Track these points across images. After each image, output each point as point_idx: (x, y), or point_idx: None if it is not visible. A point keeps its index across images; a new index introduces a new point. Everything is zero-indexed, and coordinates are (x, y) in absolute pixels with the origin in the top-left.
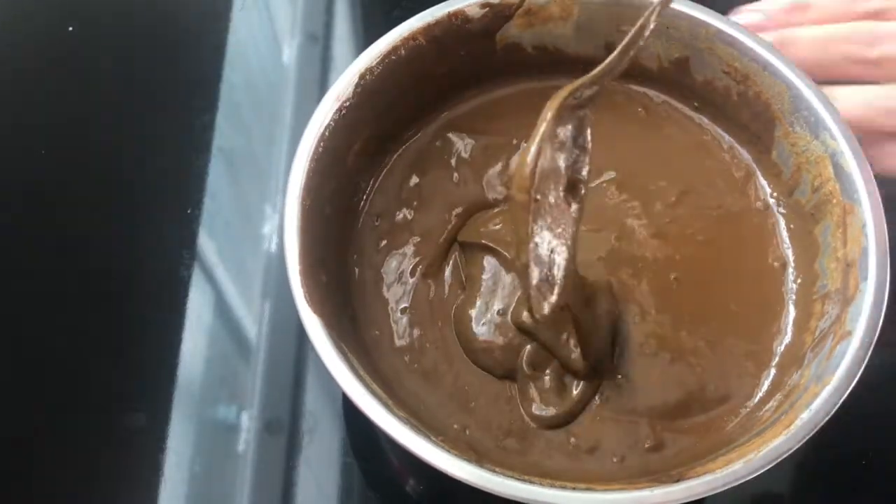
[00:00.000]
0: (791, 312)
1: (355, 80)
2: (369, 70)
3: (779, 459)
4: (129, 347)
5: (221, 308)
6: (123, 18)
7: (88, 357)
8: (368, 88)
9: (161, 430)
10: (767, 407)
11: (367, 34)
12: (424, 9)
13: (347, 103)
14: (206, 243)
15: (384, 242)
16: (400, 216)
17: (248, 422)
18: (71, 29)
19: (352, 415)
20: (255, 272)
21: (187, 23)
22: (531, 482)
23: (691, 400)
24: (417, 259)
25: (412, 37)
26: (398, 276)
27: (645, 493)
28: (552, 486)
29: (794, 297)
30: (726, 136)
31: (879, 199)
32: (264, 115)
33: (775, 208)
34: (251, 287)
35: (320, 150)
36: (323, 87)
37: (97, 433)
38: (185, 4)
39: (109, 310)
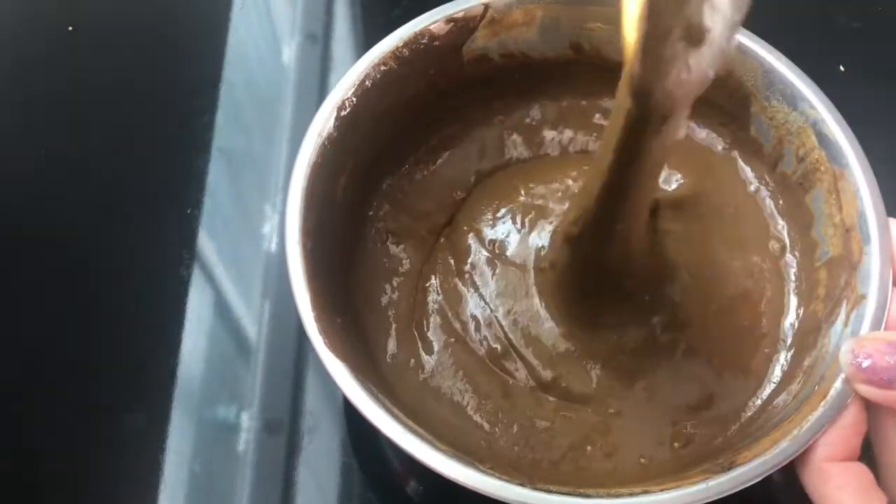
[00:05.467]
0: (792, 287)
1: (334, 113)
2: (345, 102)
3: (822, 431)
4: (129, 347)
5: (221, 308)
6: (123, 18)
7: (88, 357)
8: (347, 120)
9: (161, 430)
10: (794, 384)
11: (367, 34)
12: (424, 9)
13: (329, 138)
14: (206, 243)
15: (388, 269)
16: (396, 244)
17: (248, 422)
18: (71, 29)
19: (352, 415)
20: (255, 272)
21: (187, 23)
22: (536, 488)
23: (712, 391)
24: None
25: (382, 62)
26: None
27: (700, 487)
28: (559, 492)
29: (794, 269)
30: (700, 123)
31: (867, 162)
32: (264, 115)
33: (761, 185)
34: (251, 287)
35: (309, 188)
36: (323, 87)
37: (97, 433)
38: (185, 4)
39: (109, 309)
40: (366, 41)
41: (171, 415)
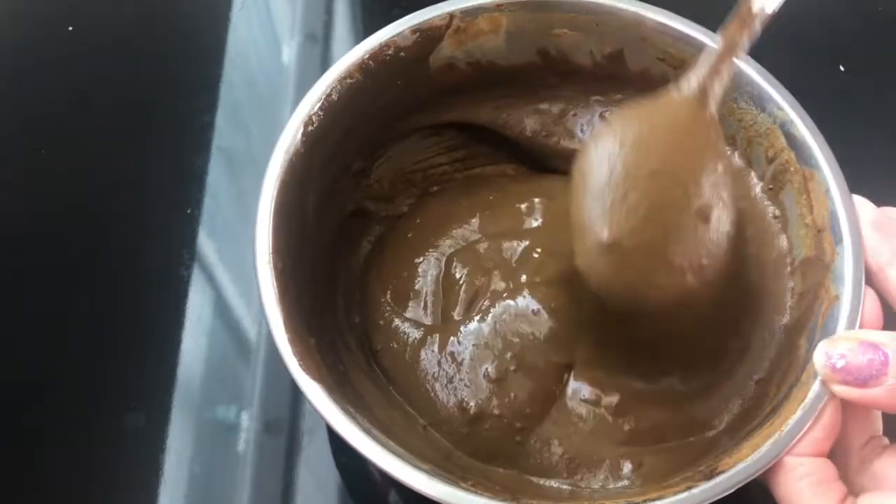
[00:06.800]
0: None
1: (300, 129)
2: (312, 116)
3: (802, 433)
4: (129, 347)
5: (221, 308)
6: (123, 18)
7: (88, 357)
8: (313, 136)
9: (161, 430)
10: (771, 387)
11: (366, 34)
12: (423, 8)
13: (296, 155)
14: (206, 243)
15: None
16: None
17: (248, 422)
18: (71, 29)
19: None
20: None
21: (187, 23)
22: None
23: (692, 394)
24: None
25: (348, 75)
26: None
27: (685, 496)
28: None
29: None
30: None
31: (836, 163)
32: (264, 115)
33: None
34: (251, 287)
35: (278, 206)
36: None
37: (97, 433)
38: (185, 4)
39: (109, 310)
40: None
41: (170, 415)
